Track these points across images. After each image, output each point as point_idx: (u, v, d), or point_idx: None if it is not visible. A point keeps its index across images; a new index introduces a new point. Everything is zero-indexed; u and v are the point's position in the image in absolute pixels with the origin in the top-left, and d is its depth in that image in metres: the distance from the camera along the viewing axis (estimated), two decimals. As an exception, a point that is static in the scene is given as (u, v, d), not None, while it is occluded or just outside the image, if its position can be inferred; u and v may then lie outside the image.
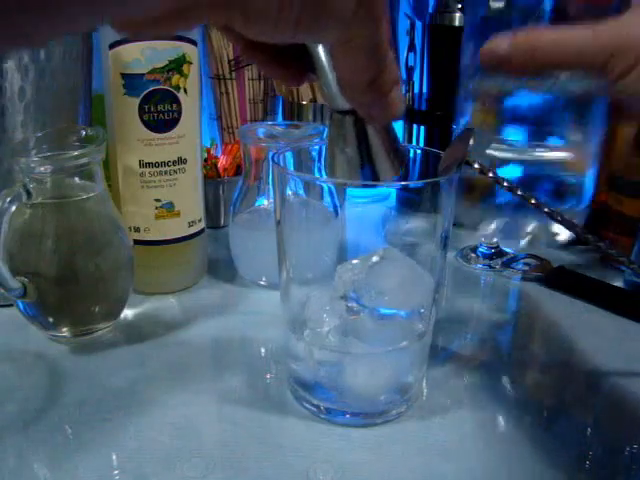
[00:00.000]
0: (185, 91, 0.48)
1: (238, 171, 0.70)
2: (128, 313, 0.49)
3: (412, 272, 0.37)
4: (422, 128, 0.78)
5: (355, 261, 0.37)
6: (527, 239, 0.64)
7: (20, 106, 0.45)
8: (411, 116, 0.78)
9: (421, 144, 0.78)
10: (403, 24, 0.76)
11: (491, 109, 0.62)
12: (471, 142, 0.32)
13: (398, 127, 0.79)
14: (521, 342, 0.48)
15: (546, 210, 0.33)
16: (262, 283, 0.54)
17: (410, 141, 0.79)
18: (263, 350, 0.46)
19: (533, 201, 0.33)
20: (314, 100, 0.71)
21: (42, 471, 0.33)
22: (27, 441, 0.35)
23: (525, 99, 0.59)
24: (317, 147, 0.51)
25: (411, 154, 0.38)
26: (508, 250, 0.61)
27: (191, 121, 0.50)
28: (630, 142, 0.57)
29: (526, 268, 0.58)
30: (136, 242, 0.48)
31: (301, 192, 0.38)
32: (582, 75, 0.33)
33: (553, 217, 0.32)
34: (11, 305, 0.46)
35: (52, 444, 0.35)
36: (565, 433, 0.37)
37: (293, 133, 0.54)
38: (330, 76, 0.25)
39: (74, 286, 0.43)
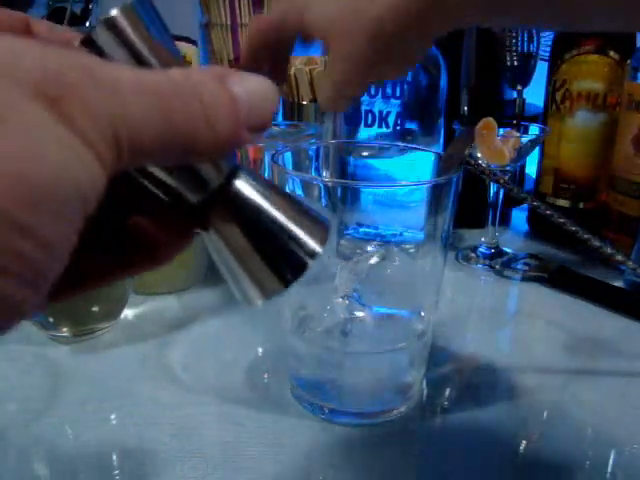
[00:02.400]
0: (185, 91, 0.48)
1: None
2: (128, 313, 0.49)
3: (412, 272, 0.37)
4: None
5: (356, 261, 0.37)
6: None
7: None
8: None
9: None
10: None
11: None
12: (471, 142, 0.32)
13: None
14: (521, 342, 0.48)
15: (543, 209, 0.33)
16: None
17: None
18: (263, 350, 0.46)
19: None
20: (314, 100, 0.71)
21: (42, 471, 0.33)
22: (27, 441, 0.35)
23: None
24: (316, 147, 0.51)
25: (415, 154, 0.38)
26: (508, 250, 0.61)
27: (191, 121, 0.49)
28: (630, 142, 0.57)
29: (526, 268, 0.58)
30: (136, 242, 0.48)
31: (300, 192, 0.38)
32: None
33: (552, 218, 0.32)
34: (11, 305, 0.46)
35: (52, 444, 0.35)
36: (566, 432, 0.37)
37: (293, 133, 0.54)
38: None
39: (74, 286, 0.43)
